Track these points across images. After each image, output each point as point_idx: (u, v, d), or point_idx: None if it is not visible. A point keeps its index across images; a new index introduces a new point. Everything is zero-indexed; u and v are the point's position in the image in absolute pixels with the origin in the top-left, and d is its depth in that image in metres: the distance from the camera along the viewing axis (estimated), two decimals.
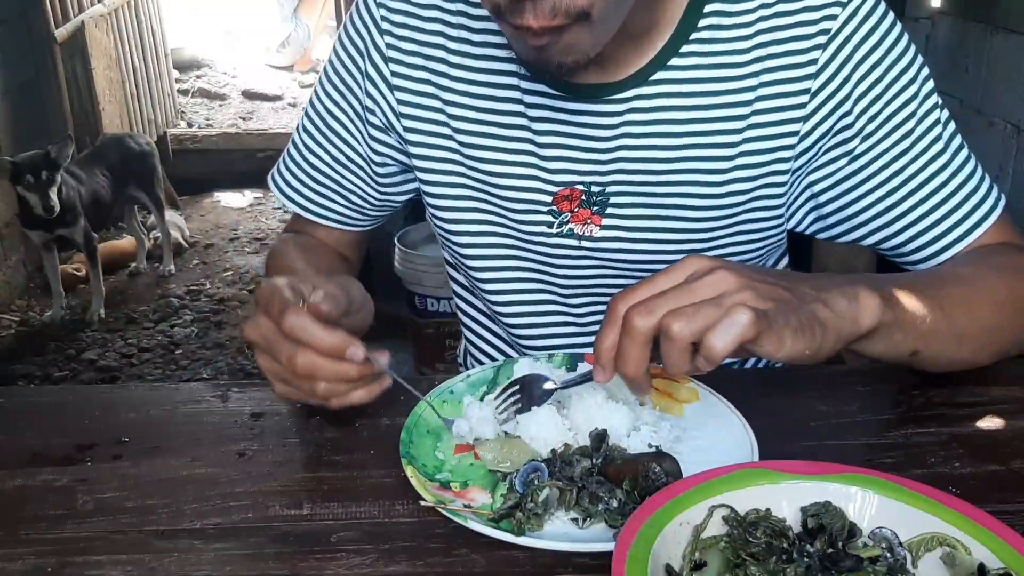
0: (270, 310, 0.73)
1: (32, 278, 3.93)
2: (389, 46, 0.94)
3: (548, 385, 0.78)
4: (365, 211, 1.06)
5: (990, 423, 0.79)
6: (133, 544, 0.67)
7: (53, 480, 0.75)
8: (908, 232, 0.91)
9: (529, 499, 0.67)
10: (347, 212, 1.05)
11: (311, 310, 0.73)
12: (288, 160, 1.06)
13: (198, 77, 6.32)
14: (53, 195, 3.30)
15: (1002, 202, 0.93)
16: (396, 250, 2.91)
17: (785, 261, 1.11)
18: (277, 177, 1.08)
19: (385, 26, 0.94)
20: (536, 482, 0.68)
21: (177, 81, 5.83)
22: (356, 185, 1.03)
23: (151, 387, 1.39)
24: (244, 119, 5.78)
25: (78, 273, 3.88)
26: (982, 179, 0.92)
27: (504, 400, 0.79)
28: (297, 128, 1.05)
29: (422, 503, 0.68)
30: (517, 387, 0.79)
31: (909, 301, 0.75)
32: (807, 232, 0.97)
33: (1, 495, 0.73)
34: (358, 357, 0.72)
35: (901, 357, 0.77)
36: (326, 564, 0.64)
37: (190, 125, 5.58)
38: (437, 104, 0.94)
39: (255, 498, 0.72)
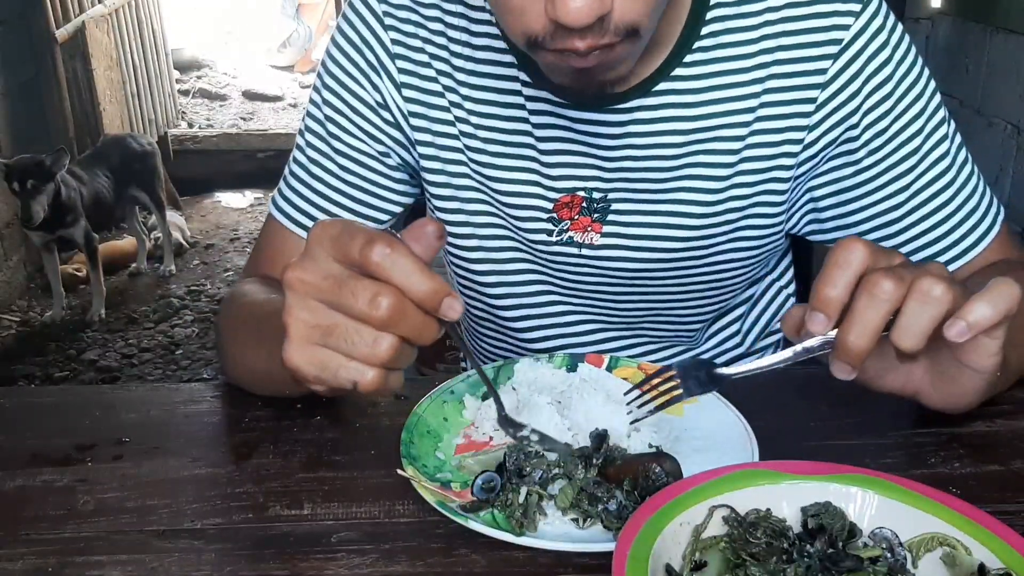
0: (343, 244, 0.59)
1: (33, 278, 3.93)
2: (395, 41, 0.91)
3: (721, 371, 0.69)
4: (376, 224, 0.97)
5: (990, 423, 0.79)
6: (133, 544, 0.67)
7: (53, 480, 0.75)
8: (906, 248, 0.90)
9: (512, 495, 0.67)
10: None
11: (414, 240, 0.59)
12: (292, 180, 0.97)
13: (199, 77, 6.33)
14: (37, 206, 3.24)
15: (1001, 216, 0.92)
16: None
17: (788, 260, 1.11)
18: (281, 202, 0.97)
19: (389, 21, 0.91)
20: (496, 490, 0.68)
21: (178, 81, 5.84)
22: (368, 190, 0.96)
23: (151, 387, 1.39)
24: (245, 119, 5.79)
25: (79, 273, 3.88)
26: (983, 194, 0.92)
27: (649, 391, 0.71)
28: (297, 145, 0.97)
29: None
30: (672, 373, 0.70)
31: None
32: (800, 233, 0.98)
33: (1, 495, 0.73)
34: (455, 312, 0.60)
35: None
36: (326, 564, 0.64)
37: (191, 125, 5.58)
38: (444, 103, 0.92)
39: (255, 498, 0.72)
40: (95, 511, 0.71)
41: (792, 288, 1.11)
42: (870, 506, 0.61)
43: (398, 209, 0.99)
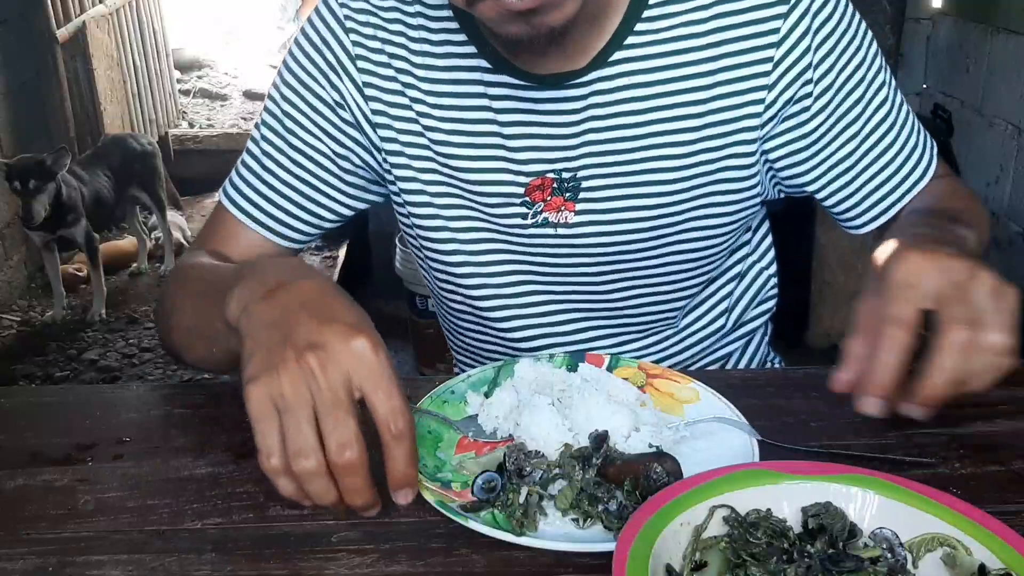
0: (381, 409, 0.64)
1: (33, 278, 3.93)
2: (355, 44, 0.94)
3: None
4: (319, 222, 1.00)
5: (990, 423, 0.79)
6: (134, 544, 0.67)
7: (54, 480, 0.75)
8: (862, 190, 0.95)
9: (512, 495, 0.67)
10: (299, 225, 0.99)
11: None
12: (244, 171, 0.99)
13: (199, 77, 6.32)
14: (38, 206, 3.22)
15: (935, 147, 0.98)
16: (397, 250, 2.92)
17: (768, 241, 1.11)
18: (232, 191, 1.00)
19: (350, 24, 0.94)
20: (496, 490, 0.69)
21: (178, 81, 5.83)
22: (317, 187, 0.97)
23: (152, 387, 1.39)
24: (245, 120, 5.78)
25: (79, 273, 3.88)
26: (920, 131, 0.97)
27: None
28: (251, 138, 0.99)
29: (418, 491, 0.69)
30: None
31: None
32: (770, 197, 1.01)
33: (1, 495, 0.73)
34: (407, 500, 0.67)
35: None
36: (327, 564, 0.64)
37: (191, 125, 5.58)
38: (405, 101, 0.94)
39: (256, 498, 0.72)
40: (95, 511, 0.71)
41: (773, 269, 1.12)
42: (870, 506, 0.61)
43: (347, 212, 1.01)
